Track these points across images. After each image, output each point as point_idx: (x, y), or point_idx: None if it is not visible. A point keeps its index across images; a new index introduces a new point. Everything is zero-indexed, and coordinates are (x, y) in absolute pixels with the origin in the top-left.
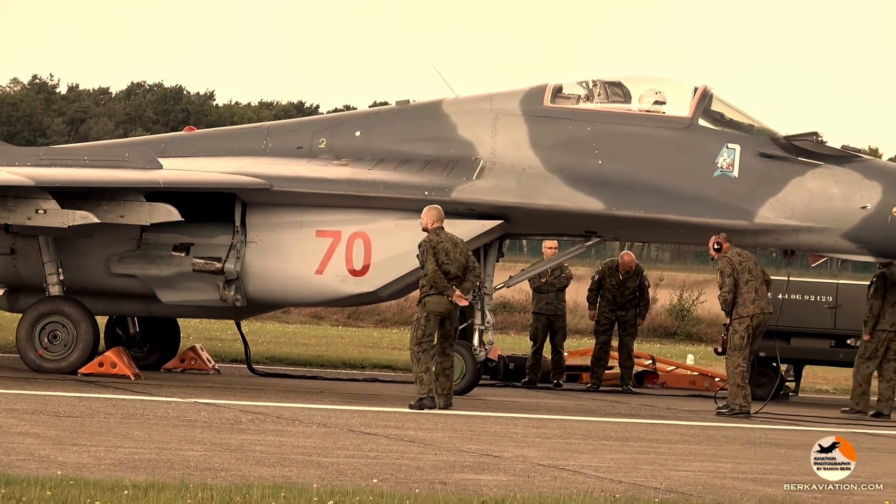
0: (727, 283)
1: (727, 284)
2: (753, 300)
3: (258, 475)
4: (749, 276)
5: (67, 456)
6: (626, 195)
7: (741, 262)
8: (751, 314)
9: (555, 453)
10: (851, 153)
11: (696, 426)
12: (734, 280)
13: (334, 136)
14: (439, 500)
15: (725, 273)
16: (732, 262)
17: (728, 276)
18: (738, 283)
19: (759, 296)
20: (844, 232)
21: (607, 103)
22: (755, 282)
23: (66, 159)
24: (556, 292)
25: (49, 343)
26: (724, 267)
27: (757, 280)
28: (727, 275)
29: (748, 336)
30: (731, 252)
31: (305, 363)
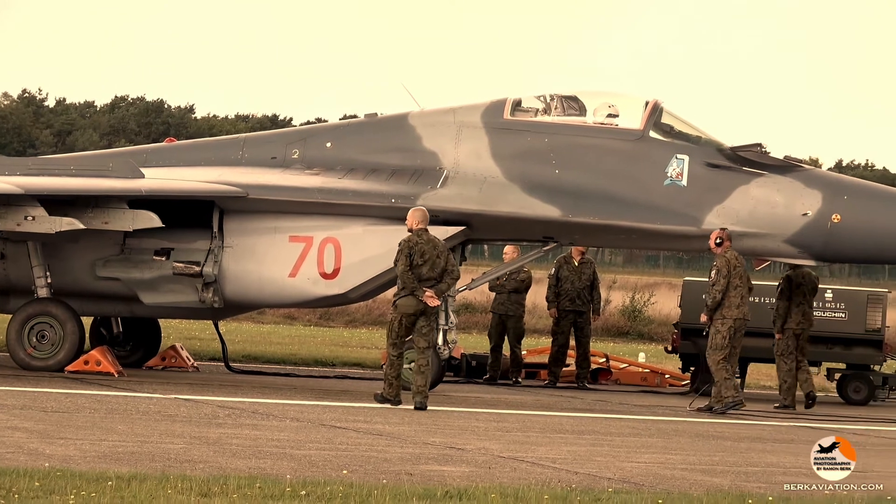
0: (721, 282)
1: (720, 283)
2: (738, 305)
3: (235, 467)
4: (739, 282)
5: (54, 449)
6: (582, 203)
7: (736, 267)
8: (734, 317)
9: (514, 446)
10: (793, 163)
11: (648, 420)
12: (727, 281)
13: (306, 147)
14: (406, 490)
15: (722, 273)
16: (730, 263)
17: (724, 276)
18: (729, 286)
19: (742, 302)
20: (787, 237)
21: (563, 116)
22: (743, 288)
23: (54, 169)
24: (508, 294)
25: (37, 342)
26: (721, 266)
27: (744, 287)
28: (723, 275)
29: (729, 337)
30: (730, 253)
31: (279, 361)
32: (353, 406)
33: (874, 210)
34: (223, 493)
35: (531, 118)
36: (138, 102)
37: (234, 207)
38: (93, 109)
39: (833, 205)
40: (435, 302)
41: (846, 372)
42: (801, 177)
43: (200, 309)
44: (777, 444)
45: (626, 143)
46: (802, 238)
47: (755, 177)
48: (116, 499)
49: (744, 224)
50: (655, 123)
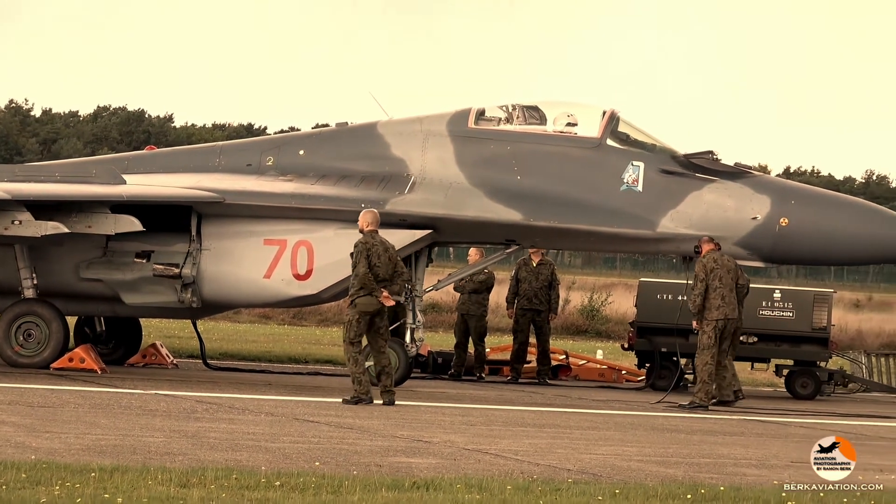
0: (698, 286)
1: (698, 288)
2: (718, 306)
3: (212, 459)
4: (718, 283)
5: (40, 442)
6: (542, 207)
7: (713, 270)
8: (716, 318)
9: (478, 439)
10: (743, 169)
11: (605, 414)
12: (705, 285)
13: (280, 154)
14: (375, 481)
15: (699, 277)
16: (706, 268)
17: (701, 280)
18: (708, 289)
19: (724, 302)
20: (737, 240)
21: (525, 125)
22: (723, 289)
23: (40, 175)
24: (469, 294)
25: (24, 340)
26: (698, 272)
27: (725, 287)
28: (700, 279)
29: (716, 337)
30: (707, 257)
31: (255, 358)
32: (325, 401)
33: (820, 214)
34: (201, 485)
35: (494, 127)
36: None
37: (211, 212)
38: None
39: (781, 209)
40: (391, 302)
41: (794, 368)
42: (750, 182)
43: (179, 309)
44: (728, 436)
45: (585, 151)
46: (752, 241)
47: (707, 182)
48: (99, 490)
49: (696, 227)
50: (612, 132)
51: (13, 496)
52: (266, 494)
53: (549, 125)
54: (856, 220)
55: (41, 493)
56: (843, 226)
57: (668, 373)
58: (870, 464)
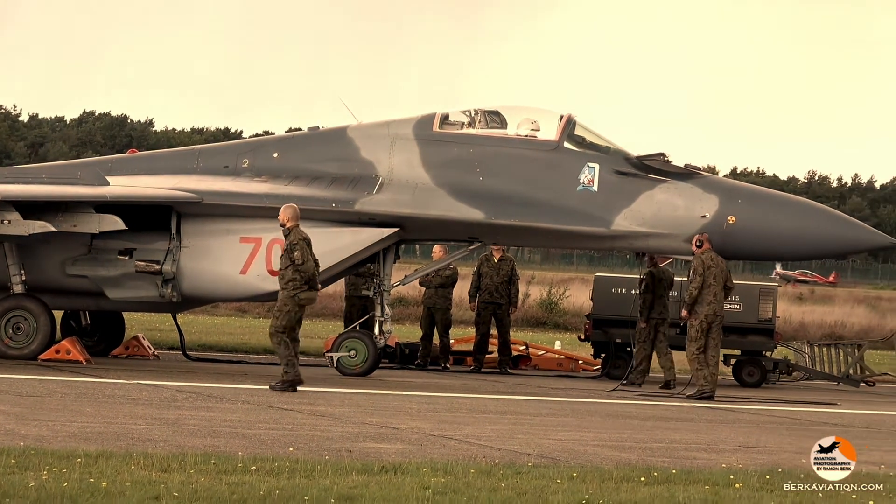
0: (696, 280)
1: (696, 282)
2: (710, 303)
3: (192, 445)
4: (712, 281)
5: (29, 429)
6: (503, 206)
7: (710, 268)
8: (706, 313)
9: (443, 425)
10: (693, 170)
11: (563, 402)
12: (702, 280)
13: (255, 157)
14: (346, 465)
15: (697, 272)
16: (705, 264)
17: (700, 275)
18: (702, 285)
19: (715, 300)
20: (687, 237)
21: (487, 129)
22: (716, 286)
23: (28, 177)
24: (435, 289)
25: (13, 333)
26: (697, 266)
27: (718, 286)
28: (699, 273)
29: (703, 330)
30: (706, 255)
31: (232, 350)
32: (298, 390)
33: (765, 212)
34: (181, 469)
35: (458, 131)
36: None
37: (190, 211)
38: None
39: (728, 208)
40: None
41: (741, 358)
42: (699, 183)
43: (160, 303)
44: (679, 422)
45: (543, 153)
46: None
47: (659, 183)
48: (85, 474)
49: (648, 225)
50: (569, 135)
51: (3, 480)
52: (243, 478)
53: (510, 129)
54: (799, 218)
55: (30, 478)
56: (786, 223)
57: (623, 362)
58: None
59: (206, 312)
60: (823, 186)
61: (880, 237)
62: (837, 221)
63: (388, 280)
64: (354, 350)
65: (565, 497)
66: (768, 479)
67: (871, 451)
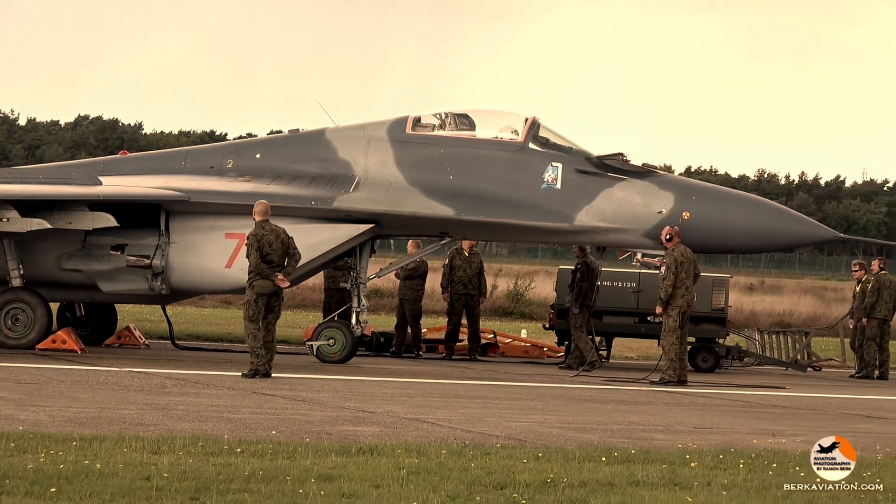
0: (670, 276)
1: (670, 279)
2: (683, 295)
3: (180, 429)
4: (685, 275)
5: (27, 414)
6: (472, 204)
7: (682, 263)
8: (680, 305)
9: (417, 409)
10: (650, 169)
11: (529, 386)
12: (674, 276)
13: (239, 157)
14: (325, 447)
15: (671, 269)
16: (677, 260)
17: (672, 272)
18: (677, 278)
19: (687, 291)
20: (645, 231)
21: (456, 131)
22: (688, 280)
23: (25, 178)
24: (404, 280)
25: (12, 324)
26: (670, 263)
27: (689, 278)
28: (672, 271)
29: (679, 320)
30: (677, 251)
31: (218, 339)
32: (280, 377)
33: (717, 208)
34: (171, 451)
35: (429, 132)
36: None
37: (178, 209)
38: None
39: (683, 204)
40: (285, 283)
41: (695, 345)
42: (656, 181)
43: (150, 295)
44: (638, 405)
45: (509, 154)
46: (658, 232)
47: (618, 181)
48: (80, 456)
49: (608, 221)
50: (534, 137)
51: (3, 463)
52: (228, 460)
53: (478, 131)
54: (749, 213)
55: (28, 460)
56: (738, 219)
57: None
58: (764, 429)
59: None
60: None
61: (825, 231)
62: (785, 216)
63: (364, 273)
64: (333, 339)
65: (531, 476)
66: (721, 459)
67: (819, 432)
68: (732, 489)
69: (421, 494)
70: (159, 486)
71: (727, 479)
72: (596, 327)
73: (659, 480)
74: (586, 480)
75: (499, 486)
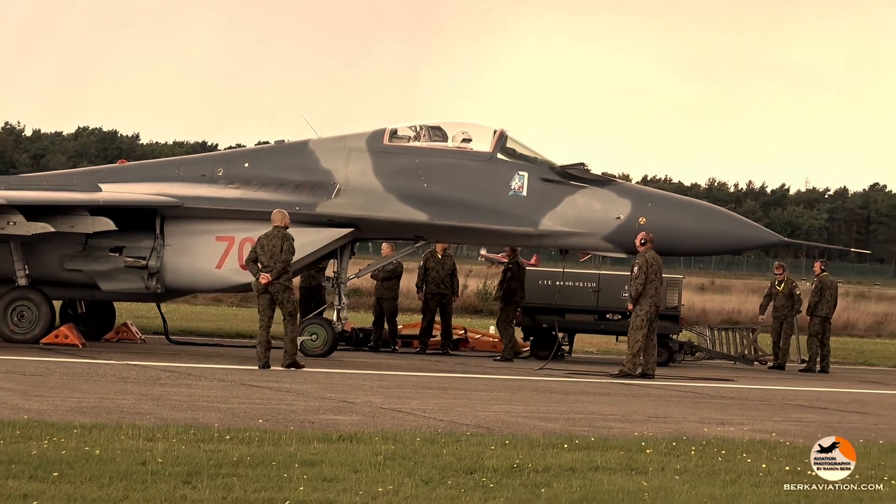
0: (640, 277)
1: (639, 278)
2: (651, 296)
3: (174, 418)
4: (654, 277)
5: (32, 404)
6: (445, 209)
7: (651, 266)
8: (649, 305)
9: (393, 399)
10: (609, 178)
11: (497, 379)
12: (645, 277)
13: (229, 166)
14: (308, 435)
15: (642, 269)
16: (648, 262)
17: (643, 272)
18: (645, 280)
19: (656, 293)
20: (604, 236)
21: (430, 142)
22: (657, 282)
23: (30, 185)
24: (382, 280)
25: (18, 321)
26: (641, 264)
27: (658, 280)
28: (642, 271)
29: (647, 320)
30: (649, 254)
31: (209, 334)
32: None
33: (671, 214)
34: (165, 439)
35: (405, 143)
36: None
37: (172, 214)
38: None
39: (640, 210)
40: (265, 279)
41: None
42: (615, 189)
43: (146, 294)
44: (598, 396)
45: (479, 163)
46: (616, 236)
47: (579, 189)
48: (81, 443)
49: (570, 225)
50: (502, 147)
51: (9, 449)
52: (218, 447)
53: (450, 142)
54: (700, 218)
55: (32, 447)
56: (690, 224)
57: (549, 345)
58: (714, 418)
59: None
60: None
61: (771, 235)
62: (734, 221)
63: (345, 273)
64: (316, 334)
65: (499, 462)
66: (674, 446)
67: (765, 421)
68: (685, 474)
69: (397, 479)
70: (154, 471)
71: (680, 464)
72: (559, 324)
73: (617, 466)
74: (549, 466)
75: (469, 471)
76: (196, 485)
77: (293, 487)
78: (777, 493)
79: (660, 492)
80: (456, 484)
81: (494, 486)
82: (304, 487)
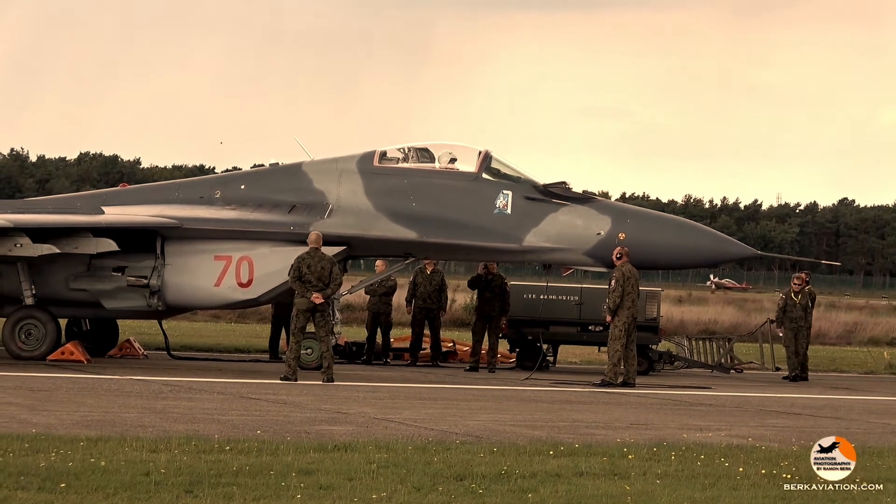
0: (617, 290)
1: (616, 291)
2: (629, 307)
3: (176, 430)
4: (630, 289)
5: (39, 418)
6: (433, 227)
7: (628, 279)
8: (626, 318)
9: (385, 410)
10: (590, 196)
11: (485, 389)
12: (622, 289)
13: (226, 188)
14: (304, 444)
15: (619, 282)
16: (625, 276)
17: (620, 285)
18: (623, 293)
19: (633, 305)
20: (585, 251)
21: (418, 163)
22: (633, 294)
23: (36, 208)
24: (379, 297)
25: (25, 338)
26: (619, 277)
27: (635, 293)
28: (620, 284)
29: (625, 331)
30: (626, 267)
31: (208, 349)
32: (264, 382)
33: (650, 230)
34: (167, 450)
35: (394, 165)
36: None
37: (172, 235)
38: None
39: (619, 226)
40: (319, 300)
41: None
42: (595, 206)
43: (148, 311)
44: (581, 405)
45: (465, 183)
46: (597, 251)
47: (561, 206)
48: (87, 455)
49: (553, 241)
50: (487, 167)
51: (18, 461)
52: (219, 457)
53: (437, 163)
54: (677, 234)
55: (40, 459)
56: (667, 239)
57: (534, 356)
58: (693, 424)
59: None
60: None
61: (745, 249)
62: (709, 236)
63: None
64: (311, 348)
65: (487, 468)
66: (655, 451)
67: (741, 427)
68: (665, 478)
69: (390, 486)
70: (157, 481)
71: (661, 469)
72: (543, 336)
73: (600, 471)
74: (536, 472)
75: (459, 478)
76: (197, 494)
77: (291, 495)
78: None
79: (642, 495)
80: (447, 490)
81: (484, 492)
82: (301, 495)
